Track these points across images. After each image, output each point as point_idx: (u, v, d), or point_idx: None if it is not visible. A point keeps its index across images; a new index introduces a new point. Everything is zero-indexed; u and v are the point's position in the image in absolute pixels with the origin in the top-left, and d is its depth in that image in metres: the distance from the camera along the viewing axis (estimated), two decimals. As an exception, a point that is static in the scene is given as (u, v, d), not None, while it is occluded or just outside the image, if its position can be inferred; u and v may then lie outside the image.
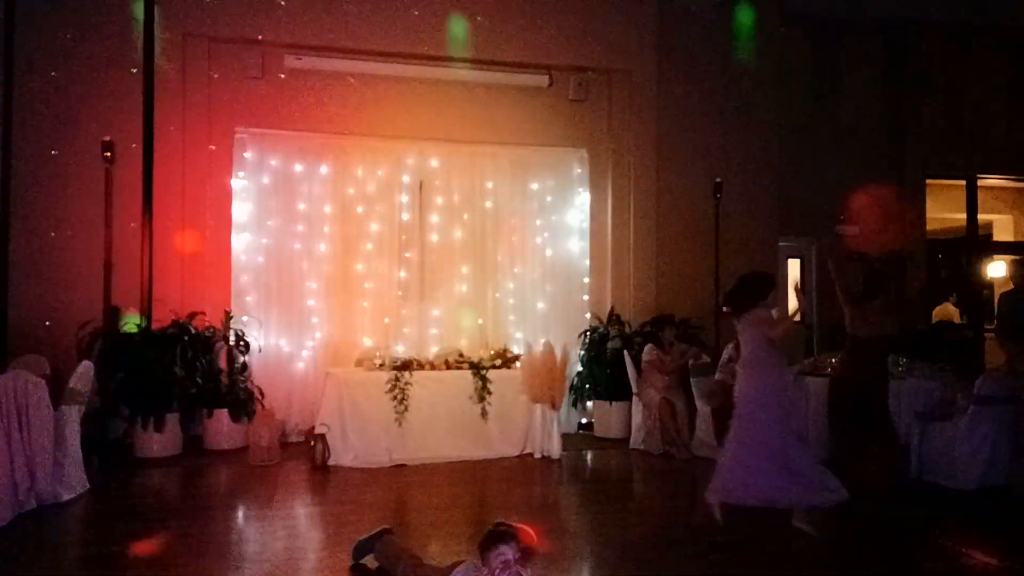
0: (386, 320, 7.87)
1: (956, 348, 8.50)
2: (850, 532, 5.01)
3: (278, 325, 8.06)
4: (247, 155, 8.03)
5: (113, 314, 7.17)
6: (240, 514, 5.44)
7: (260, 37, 7.78)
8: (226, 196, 7.89)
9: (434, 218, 8.47)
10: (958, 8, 10.04)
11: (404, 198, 8.38)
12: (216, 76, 7.85)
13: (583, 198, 8.88)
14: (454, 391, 7.08)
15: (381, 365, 7.07)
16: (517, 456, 7.13)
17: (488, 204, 8.61)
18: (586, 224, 8.84)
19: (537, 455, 7.11)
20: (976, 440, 5.87)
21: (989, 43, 10.82)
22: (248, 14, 7.73)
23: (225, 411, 7.26)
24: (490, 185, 8.62)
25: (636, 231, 8.73)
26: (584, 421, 8.60)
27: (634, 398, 7.71)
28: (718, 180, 8.83)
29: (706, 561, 4.47)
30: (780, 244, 9.58)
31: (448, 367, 7.27)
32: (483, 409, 7.08)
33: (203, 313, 7.58)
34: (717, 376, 7.23)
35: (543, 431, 7.12)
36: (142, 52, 7.45)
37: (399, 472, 6.59)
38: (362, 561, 4.17)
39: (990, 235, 11.92)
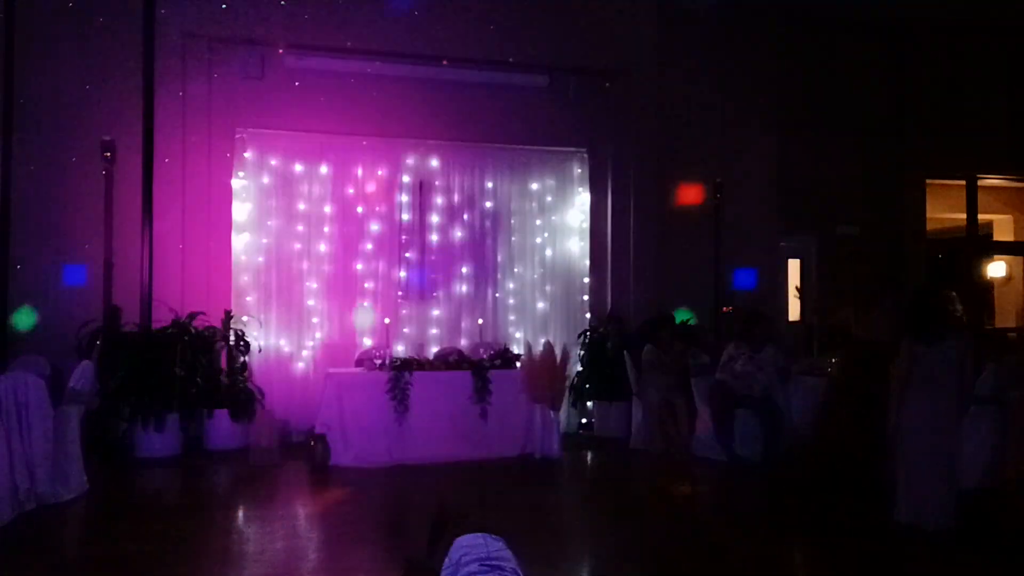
0: (386, 320, 7.87)
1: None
2: (845, 533, 5.02)
3: (278, 325, 8.06)
4: (247, 155, 8.04)
5: (112, 314, 7.16)
6: (240, 514, 5.44)
7: (260, 37, 7.78)
8: (226, 196, 7.89)
9: (434, 218, 8.48)
10: (958, 8, 10.03)
11: (404, 198, 8.39)
12: (216, 76, 7.85)
13: (583, 198, 8.88)
14: (454, 391, 7.07)
15: (381, 365, 7.07)
16: (517, 456, 7.13)
17: (488, 204, 8.62)
18: (586, 224, 8.84)
19: (537, 455, 7.11)
20: (976, 440, 5.85)
21: (989, 43, 10.80)
22: (248, 14, 7.71)
23: (225, 411, 7.26)
24: (490, 185, 8.63)
25: (636, 231, 8.72)
26: (584, 421, 8.60)
27: (634, 398, 7.71)
28: (718, 180, 8.84)
29: (705, 561, 4.48)
30: (780, 244, 9.58)
31: (448, 367, 7.26)
32: (483, 409, 7.08)
33: (203, 313, 7.58)
34: (717, 376, 7.22)
35: (543, 431, 7.12)
36: (142, 52, 7.45)
37: (399, 472, 6.59)
38: None
39: (990, 235, 11.91)
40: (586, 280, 8.85)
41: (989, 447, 5.81)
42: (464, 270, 8.53)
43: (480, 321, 8.29)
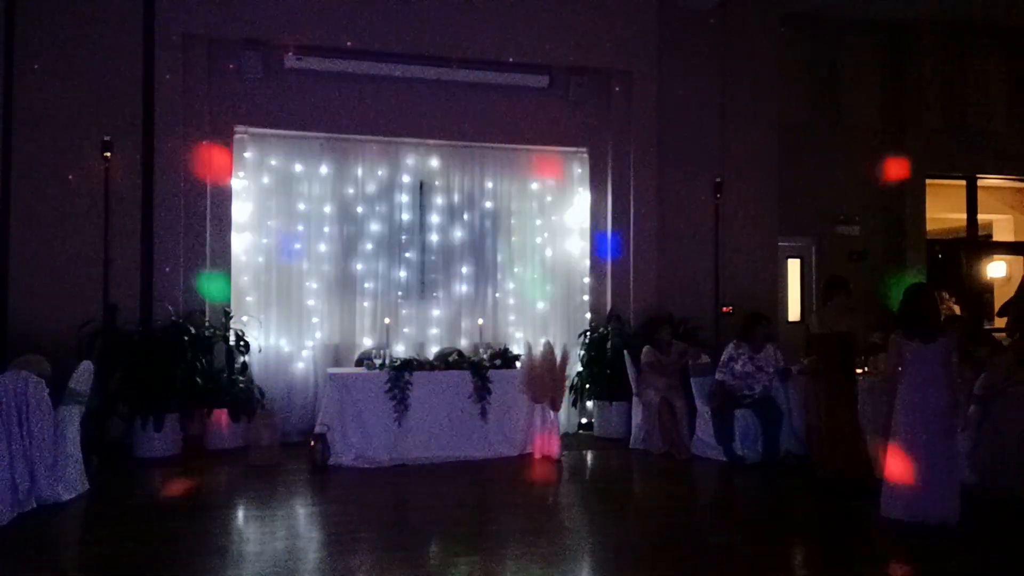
0: (386, 320, 7.88)
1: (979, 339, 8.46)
2: (847, 531, 5.02)
3: (278, 325, 8.06)
4: (247, 155, 8.04)
5: (112, 313, 7.17)
6: (240, 514, 5.45)
7: (260, 37, 7.78)
8: (226, 196, 7.89)
9: (434, 218, 8.48)
10: (958, 8, 10.03)
11: (404, 198, 8.39)
12: (216, 76, 7.85)
13: (583, 198, 8.87)
14: (454, 391, 7.07)
15: (381, 365, 7.07)
16: (517, 456, 7.13)
17: (488, 204, 8.62)
18: (586, 224, 8.83)
19: (537, 455, 7.11)
20: (977, 438, 5.87)
21: (989, 43, 10.81)
22: (248, 14, 7.72)
23: (225, 411, 7.27)
24: (490, 185, 8.63)
25: (636, 231, 8.72)
26: (584, 421, 8.60)
27: (634, 398, 7.71)
28: (718, 180, 8.84)
29: (705, 561, 4.48)
30: (780, 244, 9.59)
31: (448, 367, 7.26)
32: (483, 409, 7.08)
33: (203, 313, 7.59)
34: (717, 376, 7.22)
35: (543, 431, 7.12)
36: (142, 52, 7.46)
37: (399, 472, 6.60)
38: None
39: (990, 235, 11.91)
40: (586, 280, 8.85)
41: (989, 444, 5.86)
42: (464, 270, 8.53)
43: (480, 321, 8.29)
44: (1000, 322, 9.52)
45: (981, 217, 11.17)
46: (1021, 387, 5.82)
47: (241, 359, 7.55)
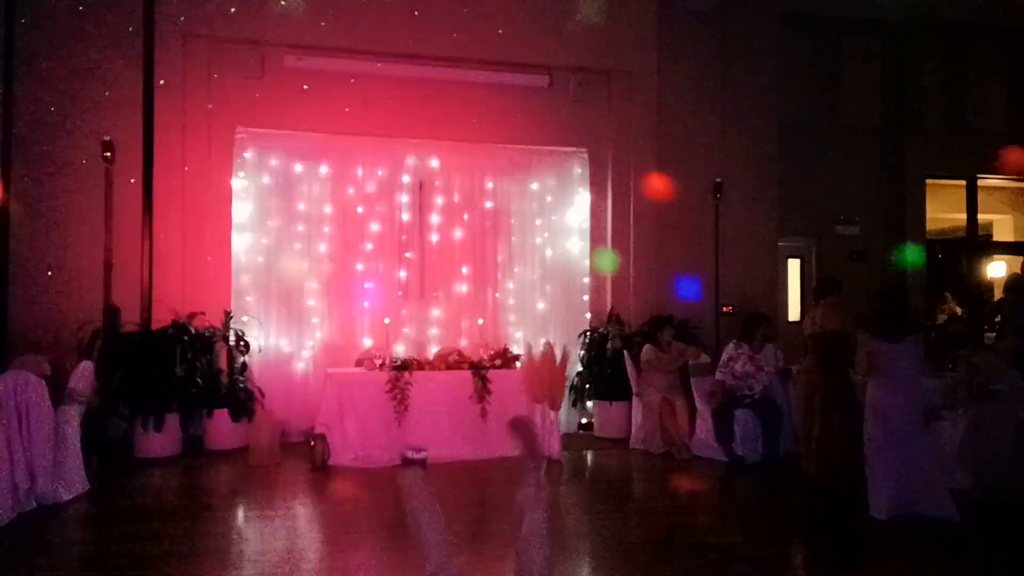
0: (386, 320, 7.87)
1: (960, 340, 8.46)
2: (847, 531, 5.03)
3: (278, 325, 8.06)
4: (247, 155, 8.03)
5: (112, 314, 7.17)
6: (240, 514, 5.44)
7: (260, 37, 7.78)
8: (226, 196, 7.88)
9: (434, 218, 8.47)
10: (958, 8, 10.04)
11: (404, 198, 8.38)
12: (216, 76, 7.85)
13: (583, 198, 8.87)
14: (454, 391, 7.07)
15: (381, 365, 7.07)
16: (517, 456, 7.10)
17: (488, 204, 8.61)
18: (586, 224, 8.83)
19: (537, 455, 7.10)
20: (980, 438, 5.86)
21: (989, 43, 10.82)
22: (248, 14, 7.72)
23: (225, 411, 7.26)
24: (490, 185, 8.62)
25: (636, 231, 8.72)
26: (584, 421, 8.60)
27: (634, 398, 7.71)
28: (718, 180, 8.84)
29: (705, 561, 4.48)
30: (780, 244, 9.59)
31: (448, 367, 7.26)
32: (483, 409, 7.08)
33: (203, 313, 7.59)
34: (717, 376, 7.22)
35: (543, 431, 7.12)
36: (142, 52, 7.46)
37: (399, 472, 6.57)
38: None
39: (990, 235, 11.92)
40: (586, 280, 8.84)
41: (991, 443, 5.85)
42: (464, 270, 8.52)
43: (480, 321, 8.28)
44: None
45: (981, 217, 11.18)
46: (1008, 388, 5.82)
47: (241, 359, 7.54)
